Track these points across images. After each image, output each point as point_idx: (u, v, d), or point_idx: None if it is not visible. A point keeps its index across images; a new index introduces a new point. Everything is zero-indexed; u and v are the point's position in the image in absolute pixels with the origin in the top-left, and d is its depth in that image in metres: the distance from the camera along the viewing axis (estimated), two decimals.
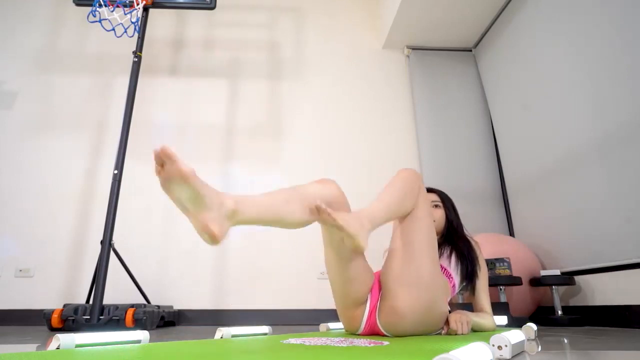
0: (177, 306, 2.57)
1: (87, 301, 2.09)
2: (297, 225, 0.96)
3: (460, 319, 1.17)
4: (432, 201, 1.46)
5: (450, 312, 1.23)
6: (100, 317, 1.94)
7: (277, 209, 0.92)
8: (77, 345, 0.84)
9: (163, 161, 0.71)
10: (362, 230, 0.92)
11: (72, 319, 1.93)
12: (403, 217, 1.15)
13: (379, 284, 1.18)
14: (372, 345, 0.87)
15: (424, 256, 1.11)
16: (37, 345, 1.25)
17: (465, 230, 1.45)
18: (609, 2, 2.00)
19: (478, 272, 1.34)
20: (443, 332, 1.20)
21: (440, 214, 1.43)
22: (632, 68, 1.85)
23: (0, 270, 2.58)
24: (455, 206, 1.48)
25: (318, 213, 0.88)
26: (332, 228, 0.89)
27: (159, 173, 0.72)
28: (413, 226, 1.13)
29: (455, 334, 1.16)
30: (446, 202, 1.46)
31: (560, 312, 2.13)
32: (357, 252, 0.97)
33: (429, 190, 1.52)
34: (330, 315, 2.55)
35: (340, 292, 1.16)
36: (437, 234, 1.46)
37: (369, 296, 1.17)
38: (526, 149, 2.68)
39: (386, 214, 1.04)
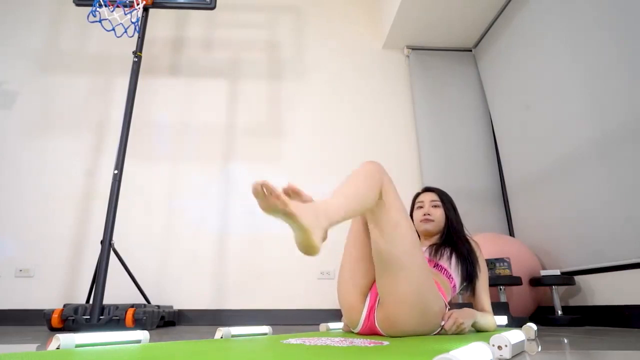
0: (177, 306, 2.57)
1: (87, 301, 2.09)
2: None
3: (457, 321, 1.16)
4: (432, 201, 1.46)
5: (450, 309, 1.23)
6: (100, 317, 1.94)
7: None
8: (77, 345, 0.84)
9: (264, 194, 0.75)
10: (318, 225, 0.80)
11: (72, 319, 1.93)
12: (376, 222, 1.08)
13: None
14: (372, 345, 0.87)
15: (409, 268, 1.06)
16: (37, 345, 1.25)
17: (465, 230, 1.45)
18: (608, 2, 2.00)
19: (478, 272, 1.34)
20: (442, 324, 1.18)
21: (440, 214, 1.43)
22: (632, 68, 1.85)
23: (0, 270, 2.58)
24: (455, 205, 1.48)
25: (263, 195, 0.75)
26: (282, 216, 0.78)
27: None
28: (393, 235, 1.06)
29: (453, 334, 1.16)
30: (446, 201, 1.46)
31: (560, 312, 2.13)
32: (307, 253, 0.82)
33: (428, 189, 1.52)
34: (330, 315, 2.55)
35: (348, 271, 1.19)
36: (437, 233, 1.46)
37: (369, 295, 1.17)
38: (526, 149, 2.68)
39: (345, 211, 0.92)
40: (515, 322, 1.85)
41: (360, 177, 1.02)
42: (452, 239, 1.39)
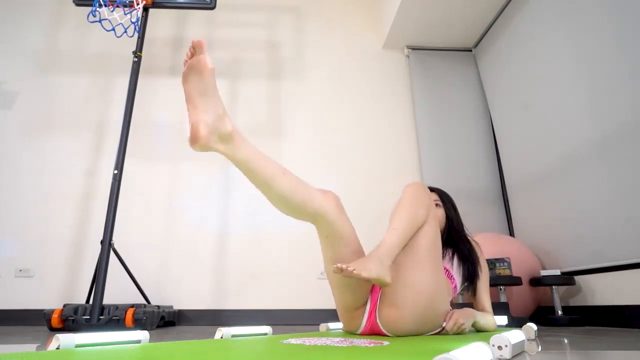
0: (177, 306, 2.57)
1: (87, 301, 2.09)
2: (279, 200, 0.98)
3: (457, 322, 1.16)
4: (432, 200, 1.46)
5: (451, 309, 1.23)
6: (100, 317, 1.94)
7: (272, 171, 0.95)
8: (77, 345, 0.83)
9: (195, 51, 0.88)
10: (383, 268, 0.93)
11: (72, 319, 1.93)
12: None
13: None
14: (372, 345, 0.87)
15: (426, 261, 1.08)
16: (37, 345, 1.25)
17: (465, 230, 1.45)
18: (608, 2, 2.00)
19: (479, 273, 1.34)
20: (443, 324, 1.18)
21: (440, 213, 1.43)
22: (632, 68, 1.85)
23: (0, 270, 2.58)
24: (456, 205, 1.48)
25: (340, 272, 0.90)
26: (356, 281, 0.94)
27: (185, 61, 0.89)
28: (417, 231, 1.10)
29: (454, 334, 1.16)
30: (446, 201, 1.46)
31: (560, 312, 2.13)
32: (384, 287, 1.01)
33: (429, 189, 1.52)
34: (330, 315, 2.55)
35: (340, 298, 1.16)
36: None
37: (370, 296, 1.17)
38: (526, 149, 2.68)
39: (402, 241, 1.03)
40: (515, 322, 1.85)
41: (407, 203, 1.09)
42: (453, 240, 1.39)
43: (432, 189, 1.51)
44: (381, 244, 1.00)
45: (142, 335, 0.99)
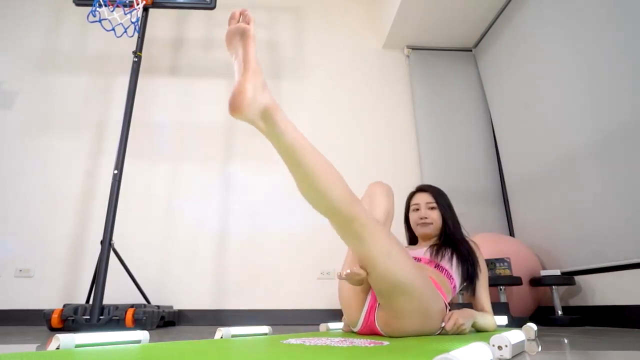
0: (177, 306, 2.57)
1: (87, 301, 2.09)
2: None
3: (457, 322, 1.15)
4: (427, 203, 1.45)
5: (450, 309, 1.23)
6: (100, 317, 1.94)
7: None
8: (77, 346, 0.84)
9: (239, 18, 0.88)
10: (258, 82, 0.86)
11: (72, 319, 1.93)
12: (366, 257, 0.98)
13: None
14: (372, 345, 0.87)
15: (409, 290, 1.01)
16: (37, 345, 1.25)
17: (463, 231, 1.44)
18: (608, 2, 2.00)
19: (478, 273, 1.34)
20: (442, 325, 1.18)
21: (437, 216, 1.43)
22: (632, 68, 1.85)
23: (0, 270, 2.58)
24: (451, 203, 1.47)
25: (238, 20, 0.90)
26: (240, 39, 0.89)
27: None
28: (387, 264, 0.98)
29: (453, 334, 1.16)
30: (441, 202, 1.45)
31: (560, 312, 2.12)
32: (232, 107, 0.88)
33: (422, 189, 1.50)
34: (330, 315, 2.55)
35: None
36: (435, 236, 1.45)
37: (370, 294, 1.17)
38: (526, 149, 2.68)
39: (293, 132, 0.92)
40: (516, 322, 1.85)
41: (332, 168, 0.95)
42: (450, 240, 1.39)
43: (424, 189, 1.50)
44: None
45: (142, 335, 0.99)
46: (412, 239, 1.56)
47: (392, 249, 0.98)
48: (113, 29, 2.54)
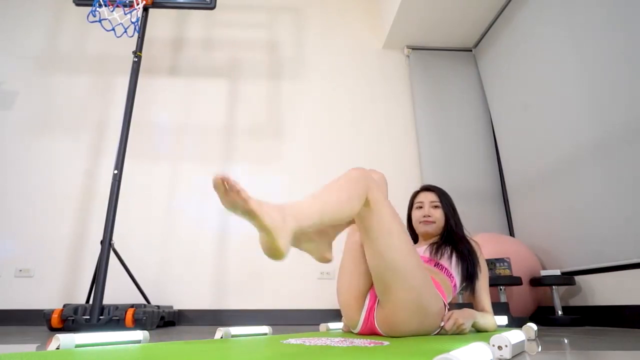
0: (177, 306, 2.57)
1: (87, 301, 2.09)
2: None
3: (457, 322, 1.15)
4: (431, 202, 1.46)
5: (450, 309, 1.23)
6: (100, 317, 1.94)
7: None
8: (77, 346, 0.84)
9: (224, 189, 0.67)
10: (283, 228, 0.72)
11: (72, 319, 1.92)
12: (367, 232, 1.03)
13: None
14: (372, 345, 0.87)
15: (406, 276, 1.03)
16: (37, 345, 1.25)
17: (465, 231, 1.45)
18: (608, 2, 2.00)
19: (478, 272, 1.34)
20: (442, 324, 1.18)
21: (440, 215, 1.44)
22: (632, 68, 1.85)
23: (0, 270, 2.58)
24: (454, 203, 1.48)
25: (224, 190, 0.67)
26: (244, 215, 0.70)
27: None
28: (386, 244, 1.02)
29: (453, 334, 1.16)
30: (445, 202, 1.45)
31: (560, 312, 2.12)
32: (272, 257, 0.73)
33: (427, 189, 1.51)
34: (330, 315, 2.55)
35: (347, 273, 1.19)
36: (437, 234, 1.46)
37: (368, 295, 1.17)
38: (526, 149, 2.68)
39: (320, 216, 0.83)
40: (516, 322, 1.85)
41: (341, 182, 0.94)
42: (452, 239, 1.39)
43: (429, 189, 1.50)
44: (292, 203, 0.80)
45: (142, 335, 0.99)
46: (413, 238, 1.56)
47: (393, 228, 1.03)
48: (113, 29, 2.54)
